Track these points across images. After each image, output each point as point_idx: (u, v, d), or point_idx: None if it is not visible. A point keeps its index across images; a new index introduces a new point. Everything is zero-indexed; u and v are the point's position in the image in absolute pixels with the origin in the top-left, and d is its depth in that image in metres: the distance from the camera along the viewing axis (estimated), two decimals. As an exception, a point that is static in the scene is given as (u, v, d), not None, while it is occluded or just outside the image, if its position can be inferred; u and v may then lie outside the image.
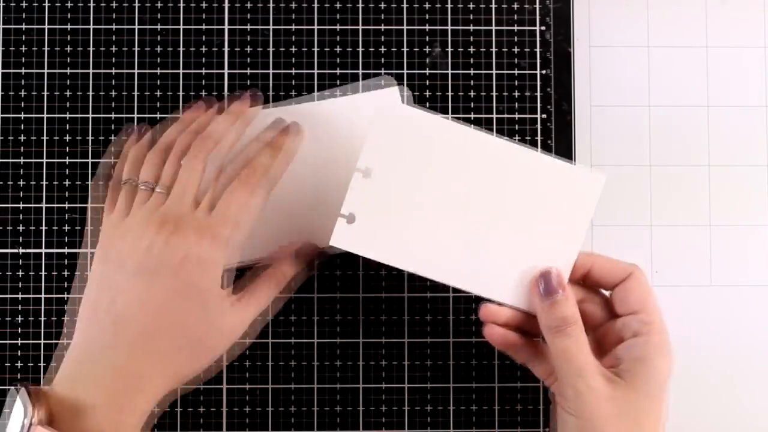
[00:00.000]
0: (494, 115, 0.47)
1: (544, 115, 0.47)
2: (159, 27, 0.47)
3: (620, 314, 0.40)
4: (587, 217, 0.41)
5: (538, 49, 0.47)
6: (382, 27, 0.47)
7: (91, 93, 0.46)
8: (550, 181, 0.41)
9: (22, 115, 0.46)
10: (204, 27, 0.47)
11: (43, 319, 0.46)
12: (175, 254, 0.37)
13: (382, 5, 0.47)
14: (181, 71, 0.47)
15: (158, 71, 0.47)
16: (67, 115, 0.46)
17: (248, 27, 0.47)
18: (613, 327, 0.40)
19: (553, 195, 0.41)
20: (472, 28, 0.47)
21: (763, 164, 0.48)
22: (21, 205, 0.46)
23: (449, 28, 0.47)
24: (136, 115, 0.46)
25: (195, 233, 0.38)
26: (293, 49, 0.47)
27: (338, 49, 0.47)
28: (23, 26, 0.47)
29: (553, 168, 0.41)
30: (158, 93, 0.46)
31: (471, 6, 0.47)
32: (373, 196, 0.41)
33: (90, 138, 0.46)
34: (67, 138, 0.46)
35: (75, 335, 0.38)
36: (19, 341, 0.46)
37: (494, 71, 0.47)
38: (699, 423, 0.46)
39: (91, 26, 0.47)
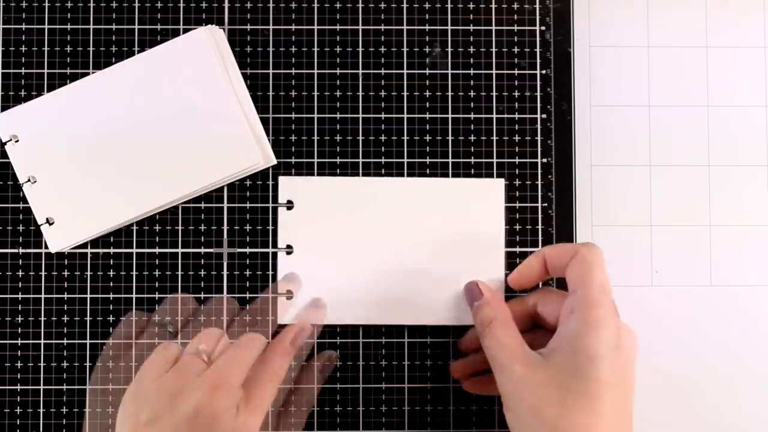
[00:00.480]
0: (494, 115, 0.47)
1: (544, 115, 0.47)
2: (159, 27, 0.47)
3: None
4: (501, 222, 0.45)
5: (538, 49, 0.47)
6: (382, 27, 0.47)
7: (91, 93, 0.46)
8: (459, 200, 0.45)
9: (22, 115, 0.46)
10: (204, 27, 0.47)
11: (43, 319, 0.46)
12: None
13: (382, 5, 0.47)
14: (181, 71, 0.47)
15: (158, 71, 0.47)
16: (67, 115, 0.46)
17: (248, 27, 0.47)
18: (563, 312, 0.39)
19: (466, 211, 0.45)
20: (472, 28, 0.47)
21: (763, 164, 0.48)
22: (21, 205, 0.46)
23: (449, 28, 0.47)
24: (136, 115, 0.46)
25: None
26: (293, 49, 0.47)
27: (338, 49, 0.47)
28: (23, 26, 0.47)
29: (456, 186, 0.45)
30: (158, 93, 0.46)
31: (471, 6, 0.47)
32: (302, 269, 0.45)
33: (90, 138, 0.46)
34: (67, 138, 0.46)
35: None
36: (19, 341, 0.46)
37: (494, 71, 0.47)
38: (698, 423, 0.46)
39: (91, 26, 0.47)
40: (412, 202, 0.45)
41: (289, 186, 0.46)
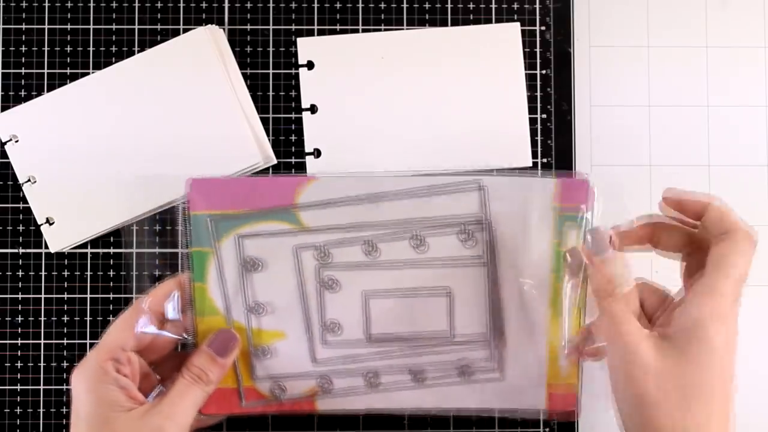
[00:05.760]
0: (494, 115, 0.47)
1: (544, 115, 0.47)
2: (159, 27, 0.47)
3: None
4: (520, 64, 0.46)
5: (538, 49, 0.47)
6: (382, 27, 0.47)
7: (91, 93, 0.46)
8: (476, 47, 0.46)
9: (22, 115, 0.46)
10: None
11: (43, 319, 0.46)
12: None
13: (382, 5, 0.47)
14: (181, 71, 0.47)
15: (158, 71, 0.47)
16: (67, 115, 0.46)
17: (248, 27, 0.47)
18: (689, 288, 0.37)
19: (485, 57, 0.46)
20: (472, 27, 0.47)
21: (763, 164, 0.47)
22: (21, 205, 0.46)
23: (449, 28, 0.47)
24: (136, 115, 0.46)
25: None
26: (293, 49, 0.47)
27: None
28: (23, 26, 0.47)
29: (471, 33, 0.46)
30: (158, 93, 0.46)
31: (471, 6, 0.47)
32: (327, 128, 0.46)
33: (90, 138, 0.46)
34: (67, 138, 0.46)
35: None
36: (19, 341, 0.46)
37: (494, 71, 0.47)
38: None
39: (91, 26, 0.47)
40: (433, 51, 0.46)
41: (308, 46, 0.46)
